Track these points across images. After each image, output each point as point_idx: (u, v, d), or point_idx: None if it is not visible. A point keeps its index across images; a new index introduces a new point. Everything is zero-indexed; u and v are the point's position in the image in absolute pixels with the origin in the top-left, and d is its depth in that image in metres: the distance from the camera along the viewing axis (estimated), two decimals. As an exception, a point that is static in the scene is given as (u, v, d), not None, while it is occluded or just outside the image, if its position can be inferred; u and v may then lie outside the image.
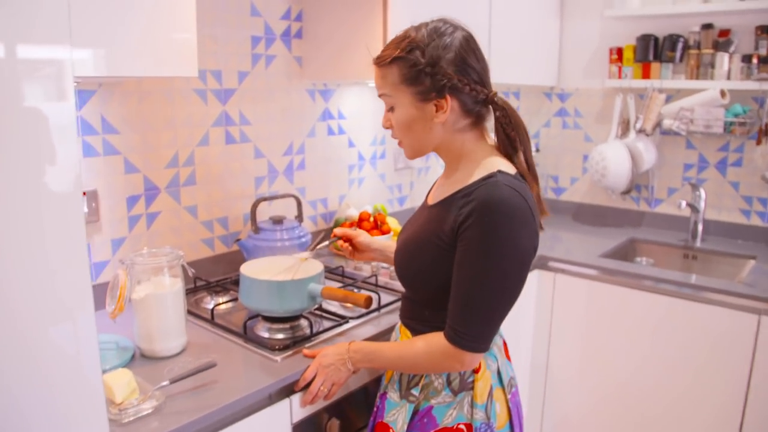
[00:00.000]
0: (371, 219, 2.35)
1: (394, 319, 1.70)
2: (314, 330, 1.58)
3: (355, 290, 1.89)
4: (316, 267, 1.66)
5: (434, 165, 3.00)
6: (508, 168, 1.25)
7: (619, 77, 2.85)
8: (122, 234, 1.80)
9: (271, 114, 2.16)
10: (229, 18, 1.97)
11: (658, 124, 2.74)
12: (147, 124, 1.81)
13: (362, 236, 1.63)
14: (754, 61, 2.51)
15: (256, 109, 2.10)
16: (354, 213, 2.43)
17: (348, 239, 1.63)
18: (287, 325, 1.60)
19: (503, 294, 1.19)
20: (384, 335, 1.64)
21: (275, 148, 2.20)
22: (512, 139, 1.29)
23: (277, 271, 1.67)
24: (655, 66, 2.75)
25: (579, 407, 2.46)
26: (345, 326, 1.65)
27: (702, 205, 2.67)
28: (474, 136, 1.30)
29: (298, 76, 2.23)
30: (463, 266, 1.19)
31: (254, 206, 1.96)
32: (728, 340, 2.07)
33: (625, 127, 2.87)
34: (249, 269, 1.64)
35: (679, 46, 2.68)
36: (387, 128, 1.32)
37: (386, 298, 1.83)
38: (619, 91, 2.84)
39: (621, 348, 2.31)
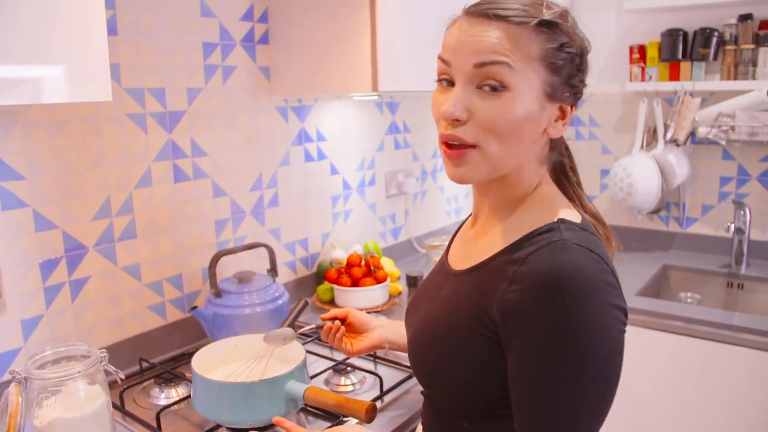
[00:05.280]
0: (363, 263, 1.92)
1: (406, 410, 1.27)
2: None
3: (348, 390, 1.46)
4: (296, 354, 1.22)
5: (431, 187, 2.57)
6: (573, 214, 0.87)
7: (642, 79, 2.44)
8: (37, 312, 1.35)
9: (233, 140, 1.72)
10: (172, 19, 1.52)
11: (692, 133, 2.35)
12: (64, 164, 1.36)
13: (354, 314, 1.19)
14: (804, 56, 2.14)
15: (212, 135, 1.66)
16: (341, 254, 2.00)
17: (337, 323, 1.20)
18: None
19: (598, 409, 0.78)
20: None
21: (240, 182, 1.75)
22: (572, 182, 0.96)
23: (242, 360, 1.24)
24: (684, 65, 2.35)
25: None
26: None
27: (747, 226, 2.28)
28: (543, 172, 0.92)
29: (266, 91, 1.79)
30: (529, 379, 0.77)
31: (213, 262, 1.52)
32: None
33: (650, 137, 2.47)
34: (203, 362, 1.20)
35: (713, 41, 2.29)
36: (457, 118, 0.80)
37: (390, 376, 1.40)
38: (643, 95, 2.44)
39: (687, 410, 1.91)
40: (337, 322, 1.21)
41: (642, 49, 2.44)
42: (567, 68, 0.82)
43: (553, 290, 0.75)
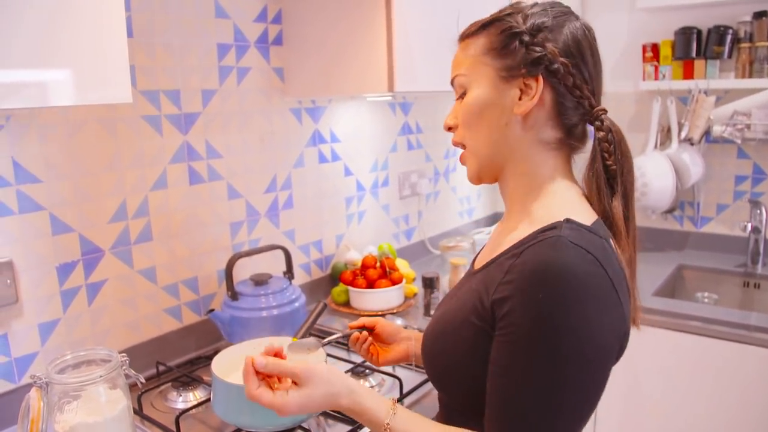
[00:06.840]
0: (378, 265, 1.90)
1: (426, 414, 1.25)
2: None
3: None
4: (316, 357, 1.21)
5: (444, 188, 2.56)
6: (585, 215, 0.85)
7: (656, 78, 2.43)
8: (54, 316, 1.34)
9: (248, 142, 1.71)
10: (187, 21, 1.52)
11: (707, 132, 2.33)
12: (80, 167, 1.35)
13: (383, 324, 1.18)
14: (820, 53, 2.12)
15: (227, 137, 1.65)
16: (355, 256, 1.98)
17: (365, 334, 1.19)
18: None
19: (573, 419, 0.78)
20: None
21: (254, 184, 1.74)
22: (612, 173, 0.88)
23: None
24: (698, 64, 2.33)
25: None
26: (359, 433, 1.20)
27: (764, 225, 2.26)
28: (560, 162, 0.90)
29: (280, 92, 1.78)
30: (503, 369, 0.78)
31: (229, 265, 1.51)
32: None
33: (664, 136, 2.45)
34: (223, 365, 1.19)
35: (728, 39, 2.27)
36: (450, 129, 0.96)
37: (409, 379, 1.39)
38: (656, 94, 2.42)
39: (701, 413, 1.89)
40: (365, 333, 1.20)
41: (655, 48, 2.43)
42: (516, 48, 0.85)
43: (537, 284, 0.75)
